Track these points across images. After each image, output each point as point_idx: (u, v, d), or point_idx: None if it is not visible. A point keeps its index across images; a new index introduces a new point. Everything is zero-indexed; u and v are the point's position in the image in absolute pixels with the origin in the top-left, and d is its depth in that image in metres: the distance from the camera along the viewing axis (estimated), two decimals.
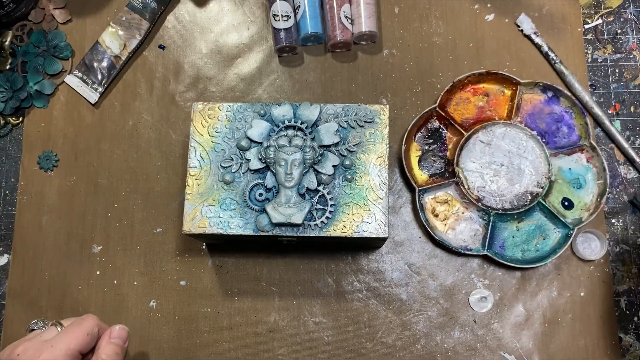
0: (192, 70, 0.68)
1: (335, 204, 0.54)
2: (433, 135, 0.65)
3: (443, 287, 0.62)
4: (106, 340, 0.46)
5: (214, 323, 0.62)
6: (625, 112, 0.66)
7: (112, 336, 0.47)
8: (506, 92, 0.65)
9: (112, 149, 0.67)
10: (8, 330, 0.63)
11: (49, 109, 0.68)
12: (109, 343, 0.46)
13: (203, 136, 0.56)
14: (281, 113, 0.56)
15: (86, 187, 0.66)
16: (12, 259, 0.64)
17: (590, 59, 0.67)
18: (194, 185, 0.55)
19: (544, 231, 0.62)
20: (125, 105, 0.68)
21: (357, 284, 0.63)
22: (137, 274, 0.64)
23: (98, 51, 0.68)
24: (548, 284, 0.62)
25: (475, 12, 0.68)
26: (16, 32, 0.69)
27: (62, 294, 0.63)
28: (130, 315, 0.63)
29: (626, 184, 0.64)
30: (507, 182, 0.63)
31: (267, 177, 0.55)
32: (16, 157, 0.67)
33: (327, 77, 0.67)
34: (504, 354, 0.61)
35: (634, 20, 0.68)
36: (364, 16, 0.65)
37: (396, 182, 0.65)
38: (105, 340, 0.46)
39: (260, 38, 0.69)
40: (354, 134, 0.56)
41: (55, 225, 0.65)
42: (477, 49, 0.67)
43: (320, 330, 0.62)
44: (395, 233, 0.64)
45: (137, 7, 0.68)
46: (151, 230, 0.64)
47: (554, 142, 0.64)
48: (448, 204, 0.63)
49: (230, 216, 0.55)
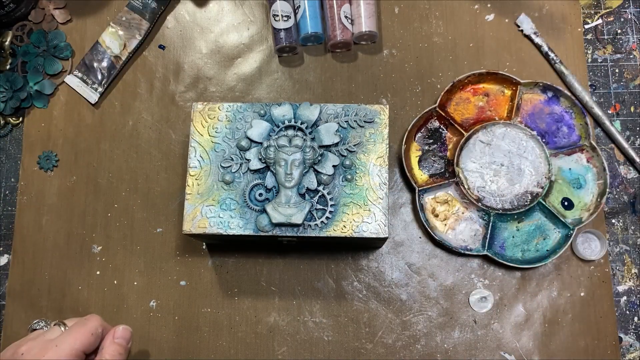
0: (192, 70, 0.68)
1: (335, 204, 0.54)
2: (433, 135, 0.65)
3: (443, 287, 0.62)
4: (110, 340, 0.46)
5: (214, 323, 0.62)
6: (625, 112, 0.66)
7: (116, 336, 0.47)
8: (506, 92, 0.65)
9: (112, 149, 0.67)
10: (8, 330, 0.63)
11: (49, 109, 0.68)
12: (113, 343, 0.46)
13: (203, 136, 0.56)
14: (281, 113, 0.56)
15: (86, 187, 0.66)
16: (12, 259, 0.64)
17: (590, 59, 0.67)
18: (194, 185, 0.55)
19: (544, 231, 0.62)
20: (125, 105, 0.68)
21: (357, 284, 0.63)
22: (137, 274, 0.64)
23: (98, 51, 0.68)
24: (548, 284, 0.62)
25: (475, 12, 0.68)
26: (16, 32, 0.69)
27: (62, 294, 0.63)
28: (131, 315, 0.63)
29: (626, 184, 0.64)
30: (507, 182, 0.63)
31: (267, 177, 0.55)
32: (16, 157, 0.67)
33: (327, 77, 0.67)
34: (504, 354, 0.61)
35: (634, 20, 0.68)
36: (364, 16, 0.65)
37: (396, 182, 0.65)
38: (109, 340, 0.46)
39: (260, 38, 0.69)
40: (354, 134, 0.56)
41: (55, 225, 0.65)
42: (477, 49, 0.67)
43: (320, 330, 0.62)
44: (395, 233, 0.64)
45: (137, 7, 0.68)
46: (151, 231, 0.64)
47: (554, 142, 0.64)
48: (448, 204, 0.63)
49: (230, 216, 0.54)
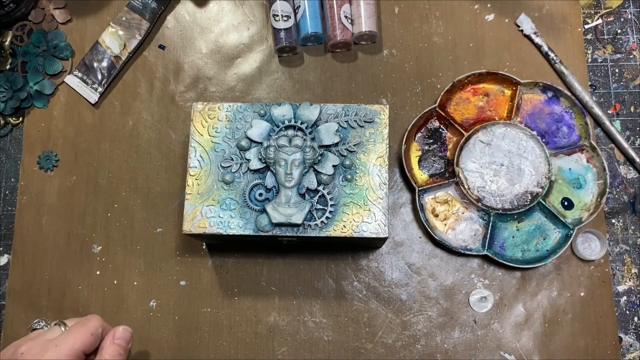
0: (192, 70, 0.68)
1: (335, 204, 0.54)
2: (433, 135, 0.65)
3: (443, 287, 0.62)
4: (110, 340, 0.46)
5: (214, 323, 0.62)
6: (625, 112, 0.66)
7: (116, 337, 0.47)
8: (506, 92, 0.65)
9: (112, 149, 0.67)
10: (8, 330, 0.63)
11: (49, 109, 0.68)
12: (113, 344, 0.46)
13: (203, 136, 0.56)
14: (281, 113, 0.56)
15: (86, 187, 0.66)
16: (12, 259, 0.64)
17: (590, 59, 0.67)
18: (194, 185, 0.55)
19: (544, 231, 0.62)
20: (125, 105, 0.68)
21: (357, 284, 0.63)
22: (137, 274, 0.64)
23: (98, 51, 0.68)
24: (548, 284, 0.62)
25: (475, 12, 0.68)
26: (16, 32, 0.69)
27: (62, 294, 0.63)
28: (130, 315, 0.63)
29: (626, 184, 0.64)
30: (507, 182, 0.63)
31: (267, 177, 0.55)
32: (16, 157, 0.67)
33: (327, 77, 0.67)
34: (504, 354, 0.61)
35: (634, 20, 0.68)
36: (364, 16, 0.65)
37: (396, 182, 0.65)
38: (109, 340, 0.46)
39: (260, 38, 0.69)
40: (354, 134, 0.56)
41: (55, 225, 0.65)
42: (477, 49, 0.67)
43: (320, 330, 0.62)
44: (395, 233, 0.64)
45: (137, 7, 0.68)
46: (151, 230, 0.64)
47: (554, 142, 0.64)
48: (448, 204, 0.63)
49: (230, 216, 0.54)
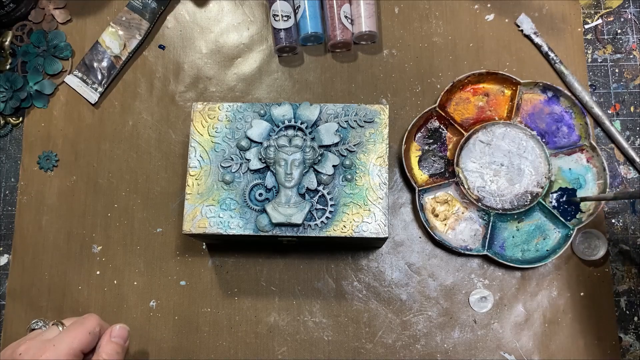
0: (192, 70, 0.68)
1: (335, 204, 0.54)
2: (433, 135, 0.65)
3: (443, 287, 0.62)
4: (107, 339, 0.46)
5: (214, 323, 0.62)
6: (625, 112, 0.66)
7: (113, 335, 0.47)
8: (506, 92, 0.65)
9: (112, 149, 0.67)
10: (8, 330, 0.63)
11: (49, 109, 0.68)
12: (110, 342, 0.46)
13: (203, 136, 0.56)
14: (281, 113, 0.56)
15: (86, 187, 0.66)
16: (12, 259, 0.64)
17: (590, 59, 0.67)
18: (194, 185, 0.55)
19: (544, 231, 0.62)
20: (125, 105, 0.68)
21: (357, 284, 0.63)
22: (137, 274, 0.64)
23: (98, 51, 0.68)
24: (548, 284, 0.62)
25: (475, 12, 0.68)
26: (16, 32, 0.69)
27: (62, 294, 0.63)
28: (130, 315, 0.63)
29: (626, 184, 0.64)
30: (507, 182, 0.63)
31: (267, 177, 0.55)
32: (16, 157, 0.67)
33: (327, 77, 0.67)
34: (504, 354, 0.61)
35: (634, 20, 0.68)
36: (364, 16, 0.65)
37: (396, 182, 0.65)
38: (106, 339, 0.46)
39: (260, 38, 0.69)
40: (354, 134, 0.56)
41: (55, 225, 0.65)
42: (477, 49, 0.67)
43: (320, 330, 0.62)
44: (395, 233, 0.64)
45: (137, 7, 0.68)
46: (151, 230, 0.64)
47: (554, 142, 0.64)
48: (448, 204, 0.63)
49: (230, 216, 0.54)
